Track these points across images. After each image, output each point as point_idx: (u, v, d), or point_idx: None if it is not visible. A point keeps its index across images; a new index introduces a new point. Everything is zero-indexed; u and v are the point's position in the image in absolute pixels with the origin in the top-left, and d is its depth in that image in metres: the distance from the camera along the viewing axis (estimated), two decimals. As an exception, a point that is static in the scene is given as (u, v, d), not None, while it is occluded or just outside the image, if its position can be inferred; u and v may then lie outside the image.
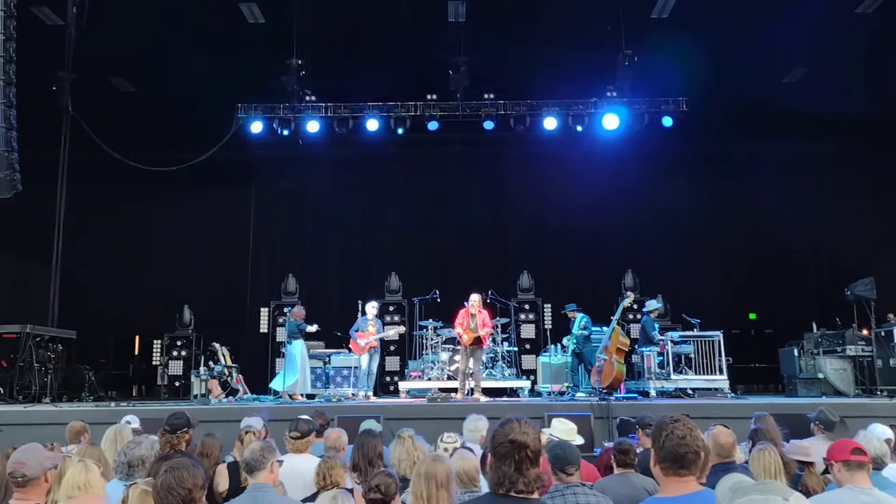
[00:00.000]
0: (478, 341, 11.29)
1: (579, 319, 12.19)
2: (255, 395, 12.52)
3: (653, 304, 12.32)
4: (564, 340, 12.89)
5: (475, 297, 11.44)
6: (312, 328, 12.14)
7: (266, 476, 4.01)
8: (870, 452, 4.09)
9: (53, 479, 3.57)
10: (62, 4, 12.21)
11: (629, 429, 6.49)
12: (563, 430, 5.20)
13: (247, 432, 5.91)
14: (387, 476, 3.72)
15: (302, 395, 11.80)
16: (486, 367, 12.90)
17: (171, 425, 5.11)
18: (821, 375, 11.87)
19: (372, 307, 12.35)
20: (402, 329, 13.42)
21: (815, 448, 5.04)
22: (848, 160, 15.61)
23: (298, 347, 11.94)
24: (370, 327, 12.07)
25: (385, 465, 5.41)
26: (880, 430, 5.23)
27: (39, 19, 12.57)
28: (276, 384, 12.06)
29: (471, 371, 11.37)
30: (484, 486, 4.01)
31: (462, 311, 11.40)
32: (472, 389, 11.30)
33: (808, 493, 4.11)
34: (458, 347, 11.86)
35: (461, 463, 4.16)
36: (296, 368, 11.81)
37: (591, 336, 12.14)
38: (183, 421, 5.13)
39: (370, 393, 12.12)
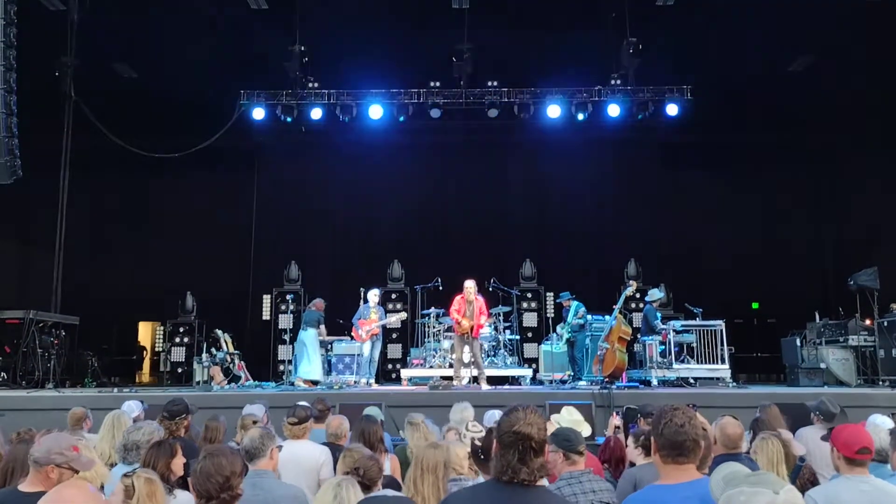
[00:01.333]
0: (472, 329, 11.10)
1: (574, 307, 12.16)
2: (257, 382, 12.56)
3: (655, 294, 12.28)
4: (558, 329, 12.89)
5: (470, 284, 11.20)
6: (322, 327, 12.43)
7: (266, 462, 4.04)
8: (876, 444, 4.10)
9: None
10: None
11: (634, 417, 6.48)
12: (571, 421, 5.22)
13: (255, 422, 5.92)
14: (369, 459, 3.76)
15: (314, 381, 11.88)
16: (489, 356, 12.91)
17: (169, 412, 5.14)
18: (823, 365, 11.86)
19: (374, 295, 12.35)
20: (403, 316, 13.40)
21: (809, 438, 5.03)
22: (852, 149, 15.52)
23: (311, 336, 12.13)
24: (372, 314, 12.09)
25: (387, 450, 5.43)
26: (881, 420, 5.21)
27: (42, 5, 12.51)
28: (307, 374, 12.13)
29: (471, 360, 11.27)
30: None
31: (458, 298, 11.22)
32: (475, 378, 11.27)
33: (804, 485, 4.12)
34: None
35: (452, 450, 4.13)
36: (307, 356, 12.02)
37: (585, 324, 12.11)
38: (181, 407, 5.16)
39: (372, 380, 12.17)
